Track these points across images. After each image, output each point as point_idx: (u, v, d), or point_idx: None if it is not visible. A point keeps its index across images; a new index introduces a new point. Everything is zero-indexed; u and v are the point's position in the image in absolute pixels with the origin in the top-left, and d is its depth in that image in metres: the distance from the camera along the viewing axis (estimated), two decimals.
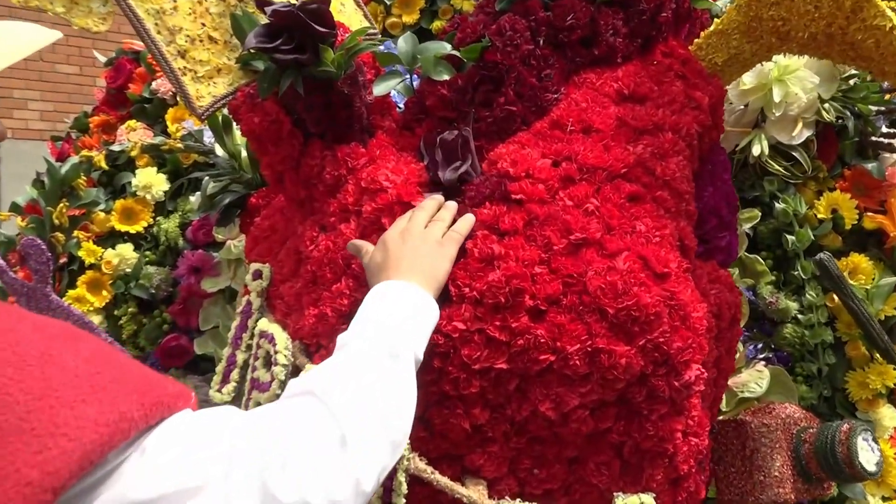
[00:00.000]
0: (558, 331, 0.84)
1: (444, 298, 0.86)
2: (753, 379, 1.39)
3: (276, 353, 0.95)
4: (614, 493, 0.90)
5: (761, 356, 1.43)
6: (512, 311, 0.85)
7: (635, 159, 0.94)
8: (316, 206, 1.02)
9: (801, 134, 1.42)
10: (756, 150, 1.42)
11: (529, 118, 0.98)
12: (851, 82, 1.45)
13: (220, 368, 1.08)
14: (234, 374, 1.05)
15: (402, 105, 1.07)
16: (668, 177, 0.96)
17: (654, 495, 0.90)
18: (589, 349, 0.84)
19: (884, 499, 1.39)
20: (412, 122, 1.03)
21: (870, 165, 1.46)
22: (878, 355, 1.39)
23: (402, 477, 0.86)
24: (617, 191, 0.92)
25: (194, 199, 1.67)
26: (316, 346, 0.95)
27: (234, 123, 1.34)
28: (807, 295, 1.42)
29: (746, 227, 1.44)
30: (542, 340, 0.84)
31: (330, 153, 1.00)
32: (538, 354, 0.84)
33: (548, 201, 0.90)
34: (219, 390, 1.07)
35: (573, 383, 0.86)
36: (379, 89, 0.97)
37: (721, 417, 1.25)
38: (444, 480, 0.87)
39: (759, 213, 1.44)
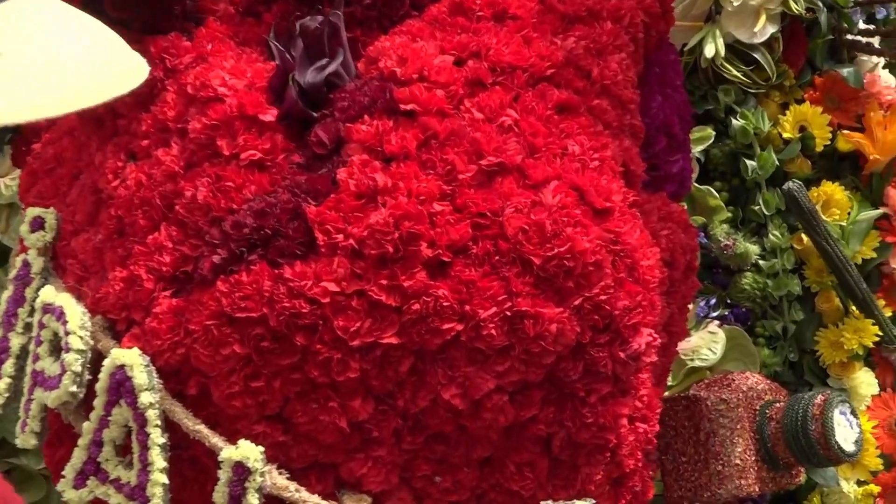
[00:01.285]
0: (467, 290, 0.84)
1: (309, 250, 0.84)
2: (706, 343, 1.43)
3: (67, 334, 0.92)
4: (542, 502, 0.91)
5: (714, 314, 1.47)
6: (403, 265, 0.84)
7: (565, 57, 0.95)
8: (121, 123, 1.00)
9: (764, 30, 1.45)
10: (709, 51, 1.44)
11: (421, 0, 0.98)
12: None
13: None
14: (8, 367, 1.00)
15: None
16: (607, 80, 0.97)
17: (594, 502, 0.92)
18: (508, 313, 0.84)
19: (859, 483, 1.46)
20: (257, 5, 1.01)
21: (845, 71, 1.51)
22: (854, 308, 1.45)
23: (253, 499, 0.85)
24: (542, 99, 0.92)
25: None
26: (126, 321, 0.93)
27: None
28: (770, 235, 1.46)
29: (697, 150, 1.46)
30: (446, 304, 0.84)
31: (139, 48, 0.93)
32: (440, 323, 0.84)
33: (450, 114, 0.90)
34: None
35: (487, 360, 0.86)
36: None
37: (667, 394, 1.27)
38: (312, 499, 0.87)
39: (713, 133, 1.46)
